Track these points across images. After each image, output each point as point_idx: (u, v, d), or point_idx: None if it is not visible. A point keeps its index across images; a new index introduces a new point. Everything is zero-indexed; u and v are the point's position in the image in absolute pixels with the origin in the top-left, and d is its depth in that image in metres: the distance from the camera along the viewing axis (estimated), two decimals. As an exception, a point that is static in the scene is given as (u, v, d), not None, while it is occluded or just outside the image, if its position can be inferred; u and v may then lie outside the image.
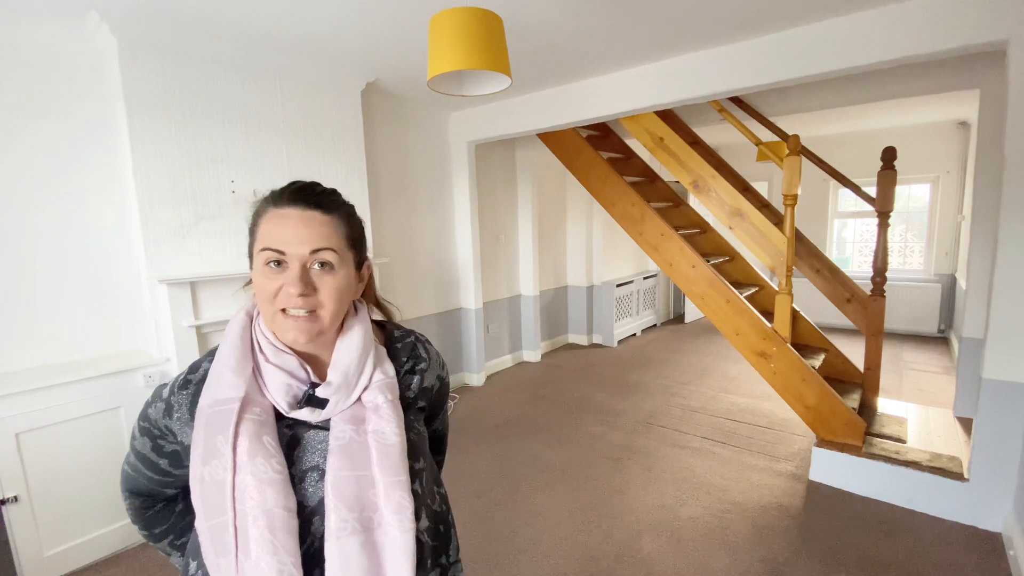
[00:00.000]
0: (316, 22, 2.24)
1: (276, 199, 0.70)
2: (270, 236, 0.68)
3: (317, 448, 0.70)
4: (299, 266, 0.67)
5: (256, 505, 0.62)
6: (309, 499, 0.67)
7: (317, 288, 0.68)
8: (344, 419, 0.70)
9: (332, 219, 0.71)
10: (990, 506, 2.18)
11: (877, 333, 3.12)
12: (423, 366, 0.83)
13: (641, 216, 3.38)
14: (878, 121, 5.05)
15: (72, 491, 2.07)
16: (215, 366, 0.70)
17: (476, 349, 4.31)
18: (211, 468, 0.64)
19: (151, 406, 0.74)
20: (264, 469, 0.63)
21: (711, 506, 2.43)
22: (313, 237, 0.68)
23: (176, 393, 0.72)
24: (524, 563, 2.07)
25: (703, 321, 6.44)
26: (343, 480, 0.66)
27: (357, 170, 3.12)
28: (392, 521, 0.65)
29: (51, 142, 2.14)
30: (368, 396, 0.72)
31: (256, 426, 0.65)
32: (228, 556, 0.61)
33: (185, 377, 0.73)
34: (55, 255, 2.18)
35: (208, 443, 0.64)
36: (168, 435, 0.73)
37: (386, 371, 0.75)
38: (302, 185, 0.71)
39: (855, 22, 2.25)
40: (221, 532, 0.62)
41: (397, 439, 0.70)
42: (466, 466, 2.88)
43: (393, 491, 0.67)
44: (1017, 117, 1.97)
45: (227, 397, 0.66)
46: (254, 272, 0.70)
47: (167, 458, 0.75)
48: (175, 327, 2.30)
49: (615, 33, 2.44)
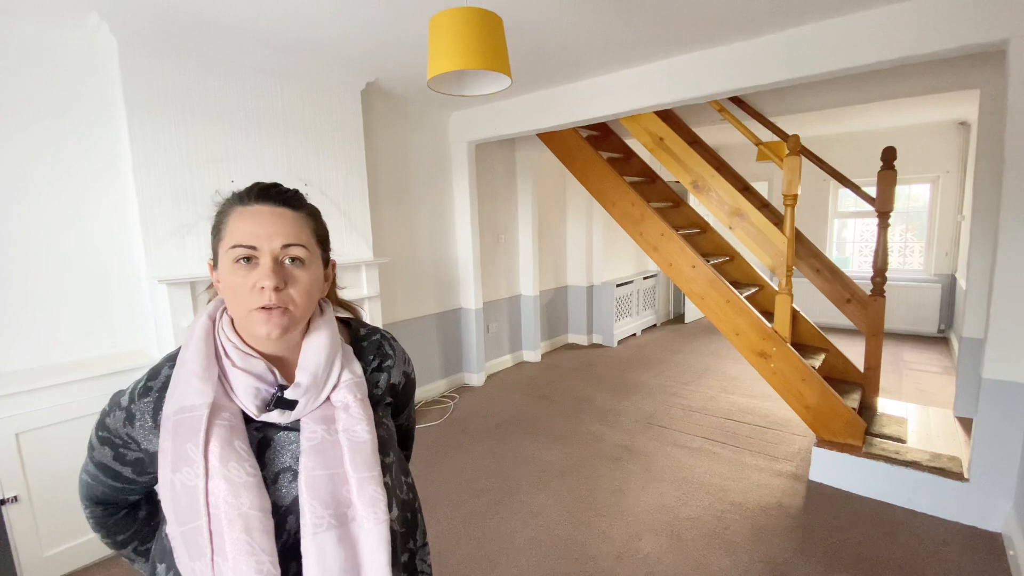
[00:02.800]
0: (316, 22, 2.24)
1: (243, 198, 0.70)
2: (240, 233, 0.67)
3: (287, 449, 0.70)
4: (271, 260, 0.67)
5: (231, 508, 0.62)
6: (283, 499, 0.67)
7: (288, 283, 0.68)
8: (314, 419, 0.70)
9: (300, 216, 0.71)
10: (990, 506, 2.18)
11: (877, 333, 3.12)
12: (389, 363, 0.84)
13: (641, 216, 3.38)
14: (878, 121, 5.05)
15: (72, 491, 2.07)
16: (178, 372, 0.69)
17: (476, 349, 4.31)
18: (182, 475, 0.63)
19: (109, 415, 0.72)
20: (238, 473, 0.64)
21: (711, 506, 2.43)
22: (284, 232, 0.68)
23: (136, 401, 0.70)
24: (524, 563, 2.07)
25: (703, 321, 6.44)
26: (316, 479, 0.67)
27: (357, 170, 3.12)
28: (366, 514, 0.67)
29: (51, 142, 2.14)
30: (337, 395, 0.72)
31: (227, 431, 0.65)
32: (203, 559, 0.62)
33: (146, 384, 0.71)
34: (55, 255, 2.18)
35: (177, 450, 0.64)
36: (131, 443, 0.71)
37: (354, 370, 0.76)
38: (267, 184, 0.72)
39: (855, 22, 2.25)
40: (195, 536, 0.63)
41: (368, 436, 0.71)
42: (466, 466, 2.88)
43: (366, 486, 0.68)
44: (1017, 117, 1.97)
45: (194, 404, 0.65)
46: (223, 271, 0.69)
47: (130, 466, 0.74)
48: (175, 327, 2.30)
49: (615, 33, 2.44)
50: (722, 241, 3.93)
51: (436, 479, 2.74)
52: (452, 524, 2.34)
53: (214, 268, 0.73)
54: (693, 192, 3.14)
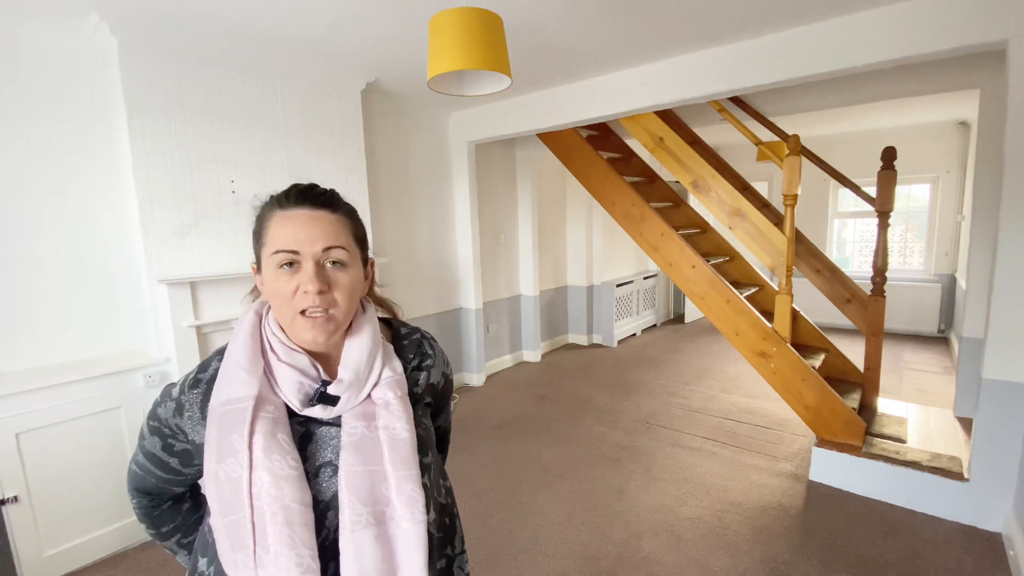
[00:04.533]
0: (316, 22, 2.24)
1: (281, 202, 0.70)
2: (281, 238, 0.68)
3: (329, 444, 0.71)
4: (313, 264, 0.68)
5: (273, 500, 0.63)
6: (323, 493, 0.68)
7: (332, 285, 0.69)
8: (355, 415, 0.71)
9: (339, 217, 0.72)
10: (990, 506, 2.18)
11: (877, 333, 3.12)
12: (429, 363, 0.84)
13: (641, 216, 3.38)
14: (878, 121, 5.05)
15: (72, 491, 2.07)
16: (226, 365, 0.70)
17: (476, 349, 4.31)
18: (226, 466, 0.65)
19: (160, 405, 0.74)
20: (280, 465, 0.65)
21: (711, 506, 2.43)
22: (324, 235, 0.69)
23: (187, 392, 0.72)
24: (524, 563, 2.07)
25: (703, 321, 6.44)
26: (356, 475, 0.67)
27: (357, 170, 3.12)
28: (404, 514, 0.67)
29: (51, 142, 2.14)
30: (378, 393, 0.73)
31: (271, 424, 0.66)
32: (246, 551, 0.63)
33: (195, 376, 0.73)
34: (55, 255, 2.18)
35: (222, 441, 0.65)
36: (179, 434, 0.73)
37: (395, 368, 0.76)
38: (305, 187, 0.72)
39: (855, 22, 2.25)
40: (238, 528, 0.63)
41: (408, 434, 0.71)
42: (466, 466, 2.88)
43: (405, 484, 0.68)
44: (1017, 117, 1.97)
45: (240, 395, 0.67)
46: (267, 276, 0.70)
47: (177, 457, 0.76)
48: (175, 327, 2.30)
49: (615, 33, 2.44)
50: (722, 241, 3.93)
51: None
52: (452, 524, 2.33)
53: (258, 271, 0.74)
54: (693, 192, 3.14)
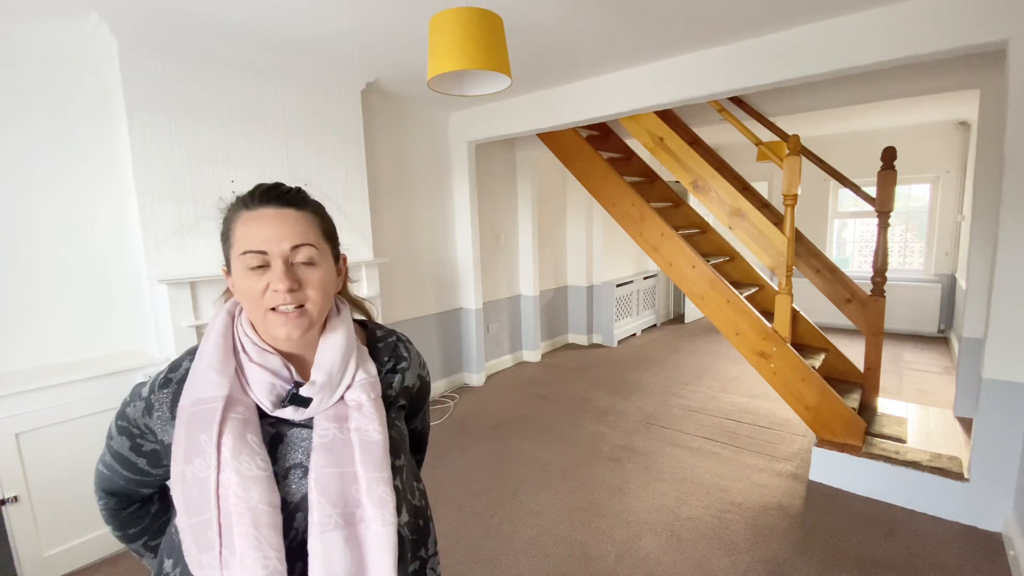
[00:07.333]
0: (316, 22, 2.24)
1: (247, 202, 0.70)
2: (249, 238, 0.68)
3: (300, 446, 0.71)
4: (282, 263, 0.68)
5: (241, 502, 0.63)
6: (292, 495, 0.68)
7: (302, 283, 0.69)
8: (327, 417, 0.71)
9: (306, 215, 0.72)
10: (990, 506, 2.18)
11: (877, 333, 3.12)
12: (404, 365, 0.84)
13: (641, 216, 3.38)
14: (878, 121, 5.05)
15: (72, 491, 2.07)
16: (197, 365, 0.70)
17: (476, 349, 4.30)
18: (194, 466, 0.64)
19: (129, 405, 0.74)
20: (249, 466, 0.64)
21: (711, 506, 2.43)
22: (292, 233, 0.69)
23: (156, 392, 0.71)
24: (524, 563, 2.07)
25: (703, 321, 6.44)
26: (327, 476, 0.67)
27: (357, 170, 3.12)
28: (375, 515, 0.67)
29: (51, 142, 2.14)
30: (351, 395, 0.73)
31: (240, 424, 0.66)
32: (211, 552, 0.62)
33: (165, 376, 0.72)
34: (55, 255, 2.18)
35: (191, 441, 0.65)
36: (148, 434, 0.72)
37: (368, 370, 0.76)
38: (270, 185, 0.72)
39: (855, 22, 2.25)
40: (204, 529, 0.63)
41: (380, 436, 0.71)
42: (466, 466, 2.88)
43: (376, 486, 0.68)
44: (1017, 117, 1.97)
45: (211, 396, 0.66)
46: (236, 277, 0.70)
47: (146, 457, 0.74)
48: (175, 327, 2.30)
49: (615, 33, 2.44)
50: (722, 241, 3.93)
51: (436, 479, 2.74)
52: (452, 524, 2.34)
53: (228, 274, 0.74)
54: (693, 192, 3.14)
